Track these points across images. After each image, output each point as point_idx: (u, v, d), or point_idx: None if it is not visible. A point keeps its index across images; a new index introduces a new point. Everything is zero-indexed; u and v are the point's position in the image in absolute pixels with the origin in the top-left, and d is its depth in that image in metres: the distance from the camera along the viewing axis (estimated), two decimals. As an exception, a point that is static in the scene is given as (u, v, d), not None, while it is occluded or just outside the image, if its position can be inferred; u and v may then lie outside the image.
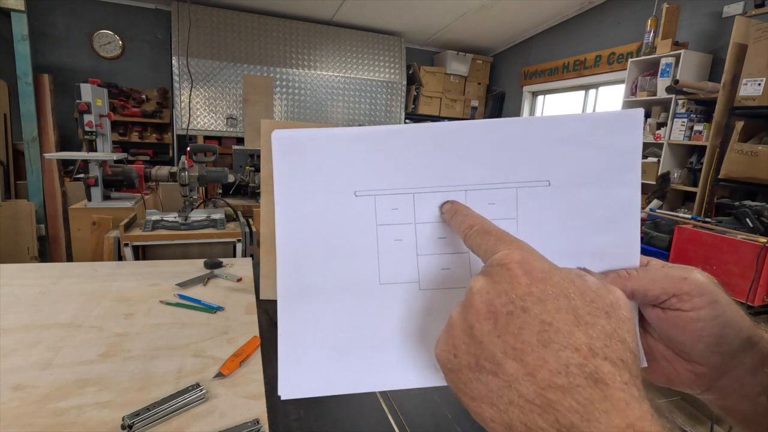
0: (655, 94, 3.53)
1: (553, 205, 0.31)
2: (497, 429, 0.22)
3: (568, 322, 0.21)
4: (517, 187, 0.31)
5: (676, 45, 3.42)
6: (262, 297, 1.11)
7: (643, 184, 3.60)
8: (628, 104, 3.82)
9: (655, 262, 0.31)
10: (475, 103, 6.08)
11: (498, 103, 6.05)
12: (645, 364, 0.32)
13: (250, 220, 2.09)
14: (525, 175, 0.31)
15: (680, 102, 3.33)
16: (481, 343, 0.22)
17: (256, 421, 0.63)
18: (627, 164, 0.30)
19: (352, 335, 0.31)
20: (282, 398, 0.30)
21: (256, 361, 0.80)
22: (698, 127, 3.25)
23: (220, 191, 2.86)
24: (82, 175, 2.27)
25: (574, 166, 0.30)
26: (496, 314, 0.22)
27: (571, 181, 0.31)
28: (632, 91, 3.78)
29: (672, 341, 0.30)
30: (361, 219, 0.31)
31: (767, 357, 0.29)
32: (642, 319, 0.31)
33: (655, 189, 3.35)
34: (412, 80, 5.75)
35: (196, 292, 1.11)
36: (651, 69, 3.64)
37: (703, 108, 3.31)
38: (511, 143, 0.30)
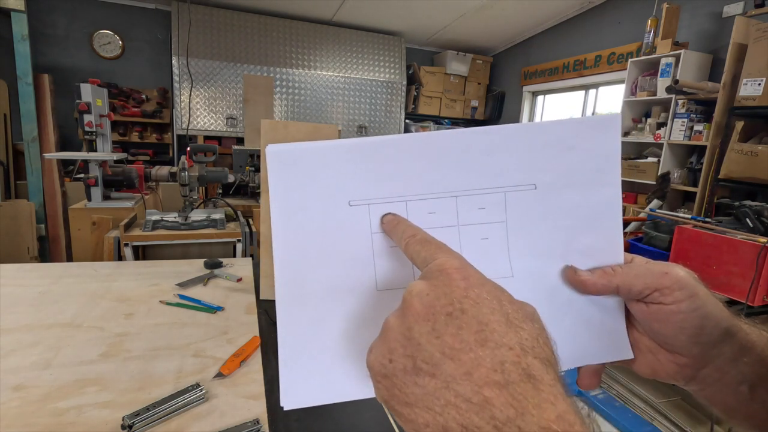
0: (655, 94, 3.53)
1: (541, 207, 0.32)
2: None
3: (502, 323, 0.22)
4: (506, 191, 0.32)
5: (676, 45, 3.42)
6: (262, 297, 1.11)
7: (643, 184, 3.61)
8: (628, 104, 3.82)
9: (639, 259, 0.32)
10: (475, 103, 6.07)
11: (498, 103, 6.04)
12: (632, 356, 0.33)
13: (250, 220, 2.09)
14: (512, 180, 0.32)
15: (680, 102, 3.32)
16: (419, 344, 0.22)
17: (256, 421, 0.63)
18: (608, 166, 0.32)
19: (352, 342, 0.31)
20: (285, 409, 0.29)
21: (256, 361, 0.80)
22: (698, 127, 3.24)
23: (220, 191, 2.86)
24: (82, 175, 2.27)
25: (558, 170, 0.32)
26: (435, 315, 0.23)
27: (556, 184, 0.32)
28: (632, 91, 3.78)
29: (655, 333, 0.31)
30: (356, 228, 0.31)
31: (745, 347, 0.30)
32: (628, 314, 0.33)
33: (655, 189, 3.34)
34: (412, 80, 5.74)
35: (196, 292, 1.11)
36: (651, 69, 3.64)
37: (703, 108, 3.30)
38: (498, 150, 0.31)
